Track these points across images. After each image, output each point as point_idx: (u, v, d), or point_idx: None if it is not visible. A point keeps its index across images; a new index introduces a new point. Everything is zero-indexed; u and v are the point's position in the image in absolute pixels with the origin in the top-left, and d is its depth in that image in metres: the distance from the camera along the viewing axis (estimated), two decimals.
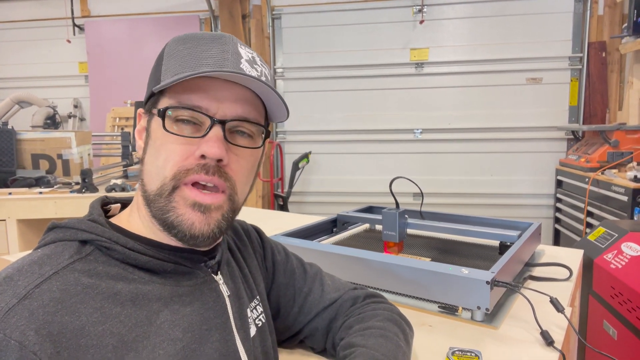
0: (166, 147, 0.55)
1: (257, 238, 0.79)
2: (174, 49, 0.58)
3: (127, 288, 0.52)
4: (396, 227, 1.22)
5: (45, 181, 2.59)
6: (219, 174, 0.55)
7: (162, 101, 0.57)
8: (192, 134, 0.55)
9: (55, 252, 0.52)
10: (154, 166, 0.56)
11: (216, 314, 0.59)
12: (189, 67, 0.55)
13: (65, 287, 0.48)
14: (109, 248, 0.53)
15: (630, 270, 1.40)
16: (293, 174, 4.00)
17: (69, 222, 0.55)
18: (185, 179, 0.54)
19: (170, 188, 0.55)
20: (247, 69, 0.57)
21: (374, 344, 0.65)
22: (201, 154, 0.54)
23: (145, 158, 0.58)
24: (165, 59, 0.58)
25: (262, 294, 0.73)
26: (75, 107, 4.64)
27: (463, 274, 0.91)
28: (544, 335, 0.82)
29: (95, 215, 0.57)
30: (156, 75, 0.58)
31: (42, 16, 4.68)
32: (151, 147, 0.57)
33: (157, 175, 0.55)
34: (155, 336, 0.51)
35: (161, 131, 0.55)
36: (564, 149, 3.93)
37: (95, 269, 0.51)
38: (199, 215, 0.55)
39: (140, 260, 0.54)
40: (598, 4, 3.78)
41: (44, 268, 0.49)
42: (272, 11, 4.26)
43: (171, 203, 0.55)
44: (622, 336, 1.40)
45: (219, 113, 0.55)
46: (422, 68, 4.08)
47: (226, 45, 0.57)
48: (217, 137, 0.55)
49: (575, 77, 3.88)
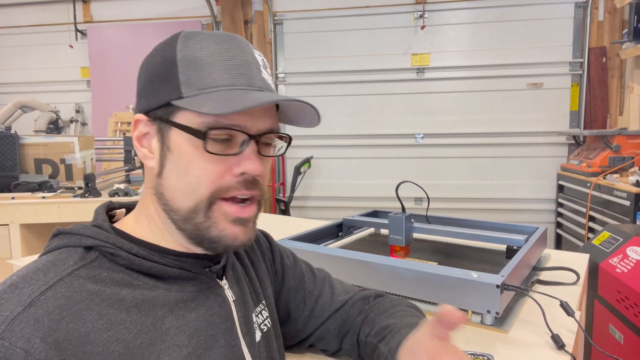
0: (198, 165, 0.54)
1: (265, 242, 0.79)
2: (190, 55, 0.54)
3: (132, 294, 0.52)
4: (403, 231, 1.22)
5: (48, 186, 2.59)
6: (255, 187, 0.57)
7: (184, 115, 0.54)
8: (226, 151, 0.54)
9: (59, 259, 0.51)
10: (184, 183, 0.54)
11: (221, 319, 0.59)
12: (217, 81, 0.53)
13: (70, 294, 0.48)
14: (113, 254, 0.53)
15: (636, 274, 1.40)
16: (295, 178, 4.00)
17: (74, 229, 0.55)
18: (225, 195, 0.55)
19: (206, 205, 0.54)
20: (266, 77, 0.58)
21: (409, 322, 0.67)
22: (242, 171, 0.55)
23: (166, 173, 0.56)
24: (181, 66, 0.54)
25: (269, 299, 0.72)
26: (78, 111, 4.65)
27: (473, 277, 0.91)
28: (555, 339, 0.82)
29: (100, 221, 0.57)
30: (170, 85, 0.54)
31: (45, 21, 4.70)
32: (175, 164, 0.55)
33: (190, 194, 0.54)
34: (161, 342, 0.51)
35: (192, 149, 0.53)
36: (565, 153, 3.94)
37: (99, 275, 0.51)
38: (240, 228, 0.56)
39: (144, 265, 0.54)
40: (598, 10, 3.80)
41: (49, 275, 0.49)
42: (274, 17, 4.29)
43: (210, 219, 0.55)
44: (629, 340, 1.40)
45: (254, 128, 0.55)
46: (424, 73, 4.09)
47: (245, 54, 0.56)
48: (254, 153, 0.55)
49: (576, 82, 3.89)
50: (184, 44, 0.55)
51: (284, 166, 4.42)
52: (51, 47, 4.73)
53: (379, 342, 0.66)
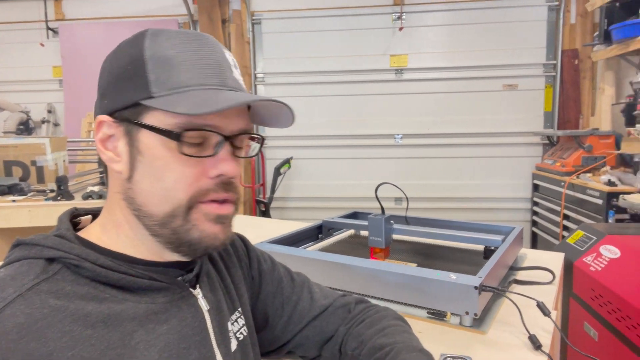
0: (174, 168, 0.52)
1: (242, 246, 0.77)
2: (160, 52, 0.52)
3: (98, 308, 0.48)
4: (382, 233, 1.22)
5: (19, 189, 2.51)
6: (232, 189, 0.56)
7: (155, 116, 0.51)
8: (201, 153, 0.53)
9: (19, 272, 0.48)
10: (159, 188, 0.52)
11: (195, 330, 0.56)
12: (189, 80, 0.51)
13: (30, 311, 0.45)
14: (77, 266, 0.50)
15: (609, 272, 1.43)
16: (275, 179, 3.98)
17: (34, 239, 0.52)
18: (204, 198, 0.54)
19: (185, 209, 0.53)
20: (237, 76, 0.56)
21: (404, 339, 0.66)
22: (219, 173, 0.54)
23: (137, 177, 0.53)
24: (150, 64, 0.52)
25: (245, 305, 0.70)
26: (49, 112, 4.51)
27: (451, 279, 0.91)
28: (532, 339, 0.82)
29: (63, 230, 0.54)
30: (138, 84, 0.52)
31: (15, 19, 4.54)
32: (148, 167, 0.52)
33: (166, 198, 0.52)
34: (130, 358, 0.48)
35: (165, 151, 0.51)
36: (539, 153, 4.03)
37: (63, 289, 0.48)
38: (220, 227, 0.55)
39: (111, 277, 0.51)
40: (570, 13, 3.90)
41: (7, 291, 0.46)
42: (252, 16, 4.25)
43: (190, 222, 0.53)
44: (603, 337, 1.43)
45: (228, 129, 0.54)
46: (402, 74, 4.12)
47: (217, 53, 0.55)
48: (229, 155, 0.55)
49: (549, 84, 3.98)
50: (153, 42, 0.53)
51: (263, 167, 4.39)
52: (21, 45, 4.58)
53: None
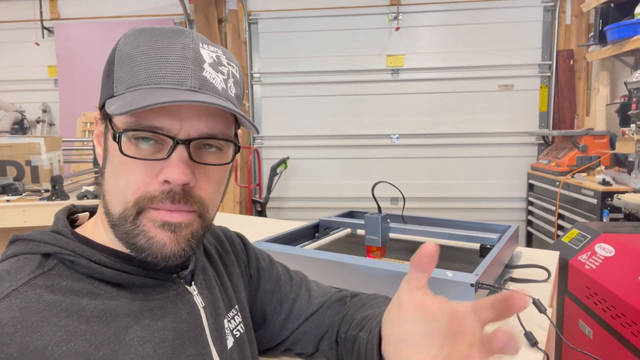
0: (125, 168, 0.51)
1: (240, 245, 0.77)
2: (125, 51, 0.51)
3: (93, 304, 0.49)
4: (379, 232, 1.22)
5: (13, 188, 2.49)
6: (184, 200, 0.51)
7: (118, 118, 0.51)
8: (152, 155, 0.50)
9: (15, 267, 0.49)
10: (115, 187, 0.52)
11: (190, 327, 0.56)
12: (144, 80, 0.49)
13: (25, 305, 0.45)
14: (73, 261, 0.50)
15: (604, 271, 1.45)
16: (271, 179, 3.97)
17: (31, 234, 0.52)
18: (150, 205, 0.51)
19: (134, 213, 0.51)
20: (211, 76, 0.52)
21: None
22: (164, 179, 0.50)
23: (105, 174, 0.54)
24: (117, 64, 0.52)
25: (242, 303, 0.70)
26: (44, 111, 4.49)
27: (447, 277, 0.91)
28: (528, 336, 0.83)
29: (60, 226, 0.54)
30: (108, 84, 0.52)
31: (9, 18, 4.52)
32: (110, 165, 0.53)
33: (119, 198, 0.52)
34: (124, 354, 0.48)
35: (119, 152, 0.51)
36: (535, 153, 4.05)
37: (58, 284, 0.48)
38: (169, 235, 0.51)
39: (106, 274, 0.51)
40: (566, 14, 3.92)
41: (3, 285, 0.46)
42: (249, 16, 4.25)
43: (139, 227, 0.51)
44: (598, 335, 1.44)
45: (182, 133, 0.50)
46: (398, 74, 4.13)
47: (186, 50, 0.51)
48: (180, 159, 0.50)
49: (544, 84, 4.00)
50: (126, 40, 0.53)
51: (260, 167, 4.38)
52: (16, 44, 4.55)
53: (358, 332, 0.64)
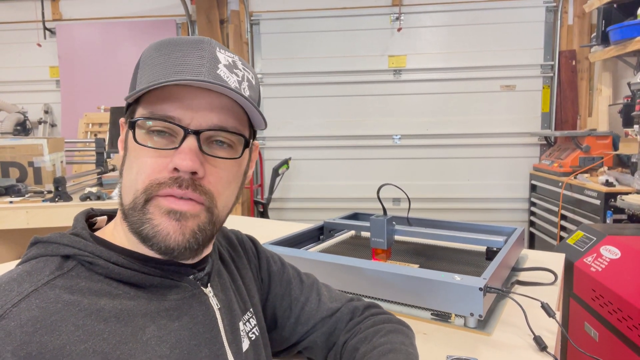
0: (139, 159, 0.53)
1: (252, 248, 0.77)
2: (148, 56, 0.56)
3: (110, 304, 0.50)
4: (384, 234, 1.22)
5: (16, 190, 2.49)
6: (193, 187, 0.52)
7: (137, 112, 0.55)
8: (165, 146, 0.53)
9: (35, 269, 0.50)
10: (128, 179, 0.55)
11: (206, 328, 0.57)
12: (162, 75, 0.52)
13: (45, 305, 0.46)
14: (92, 263, 0.51)
15: (610, 273, 1.44)
16: (273, 180, 3.97)
17: (51, 237, 0.53)
18: (158, 191, 0.52)
19: (142, 201, 0.52)
20: (225, 75, 0.54)
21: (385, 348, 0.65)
22: (174, 167, 0.52)
23: (123, 170, 0.57)
24: (140, 67, 0.56)
25: (257, 306, 0.71)
26: (46, 112, 4.49)
27: (455, 280, 0.91)
28: (537, 340, 0.83)
29: (79, 228, 0.56)
30: (132, 85, 0.57)
31: (11, 19, 4.52)
32: (127, 160, 0.56)
33: (130, 189, 0.54)
34: (141, 353, 0.49)
35: (134, 143, 0.54)
36: (537, 154, 4.04)
37: (77, 284, 0.49)
38: (173, 223, 0.52)
39: (124, 274, 0.52)
40: (568, 14, 3.91)
41: (23, 285, 0.47)
42: (251, 17, 4.24)
43: (146, 215, 0.52)
44: (604, 338, 1.44)
45: (193, 123, 0.53)
46: (400, 75, 4.13)
47: (203, 51, 0.54)
48: (190, 148, 0.52)
49: (547, 85, 4.00)
50: (149, 48, 0.57)
51: (262, 168, 4.38)
52: (18, 45, 4.55)
53: None
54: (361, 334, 0.71)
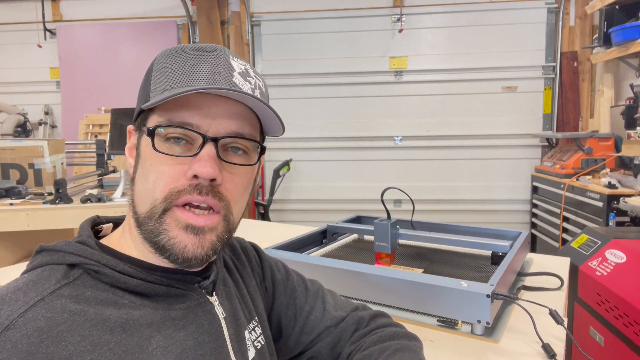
0: (156, 167, 0.53)
1: (255, 257, 0.76)
2: (162, 63, 0.56)
3: (116, 313, 0.49)
4: (388, 238, 1.21)
5: (16, 192, 2.48)
6: (212, 194, 0.53)
7: (152, 118, 0.55)
8: (183, 153, 0.53)
9: (41, 277, 0.49)
10: (144, 188, 0.54)
11: (211, 337, 0.57)
12: (179, 82, 0.53)
13: (51, 315, 0.46)
14: (97, 271, 0.51)
15: (616, 277, 1.43)
16: (274, 181, 3.96)
17: (57, 245, 0.53)
18: (177, 200, 0.52)
19: (160, 210, 0.52)
20: (240, 82, 0.55)
21: None
22: (193, 174, 0.52)
23: (136, 178, 0.56)
24: (154, 73, 0.56)
25: (262, 315, 0.70)
26: (47, 113, 4.48)
27: (462, 287, 0.90)
28: (546, 348, 0.81)
29: (85, 236, 0.55)
30: (145, 91, 0.56)
31: (12, 20, 4.51)
32: (141, 167, 0.55)
33: (147, 197, 0.53)
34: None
35: (151, 151, 0.53)
36: (538, 155, 4.03)
37: (83, 294, 0.49)
38: (192, 237, 0.52)
39: (130, 283, 0.52)
40: (570, 15, 3.91)
41: (29, 295, 0.47)
42: (252, 18, 4.24)
43: (162, 225, 0.52)
44: (609, 342, 1.43)
45: (212, 130, 0.53)
46: (402, 76, 4.12)
47: (218, 59, 0.55)
48: (209, 155, 0.52)
49: (548, 86, 3.99)
50: (163, 54, 0.57)
51: (262, 169, 4.37)
52: (18, 46, 4.54)
53: None
54: (366, 351, 0.68)
